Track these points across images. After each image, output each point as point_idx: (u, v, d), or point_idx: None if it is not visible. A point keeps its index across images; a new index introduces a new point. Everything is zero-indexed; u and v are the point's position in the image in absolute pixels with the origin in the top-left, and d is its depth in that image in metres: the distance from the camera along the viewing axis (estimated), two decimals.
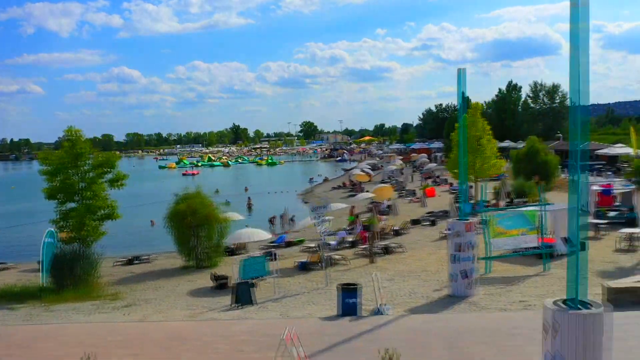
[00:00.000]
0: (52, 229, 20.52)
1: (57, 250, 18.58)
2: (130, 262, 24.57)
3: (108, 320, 14.50)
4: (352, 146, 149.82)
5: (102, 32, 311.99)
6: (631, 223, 24.74)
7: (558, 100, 73.58)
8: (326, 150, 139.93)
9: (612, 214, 25.96)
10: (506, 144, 63.75)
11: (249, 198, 51.01)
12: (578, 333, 7.48)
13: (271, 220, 37.61)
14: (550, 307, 7.84)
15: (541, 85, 75.01)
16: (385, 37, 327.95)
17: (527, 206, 21.32)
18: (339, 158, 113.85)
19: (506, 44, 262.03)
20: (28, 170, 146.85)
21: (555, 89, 73.48)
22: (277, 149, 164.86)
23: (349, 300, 13.78)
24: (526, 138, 50.31)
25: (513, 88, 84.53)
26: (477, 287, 15.49)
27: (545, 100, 74.35)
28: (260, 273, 17.16)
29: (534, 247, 18.37)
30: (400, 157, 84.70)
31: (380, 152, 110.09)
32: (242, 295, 15.34)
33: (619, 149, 47.45)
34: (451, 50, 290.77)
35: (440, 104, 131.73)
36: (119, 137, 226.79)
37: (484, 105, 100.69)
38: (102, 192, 19.34)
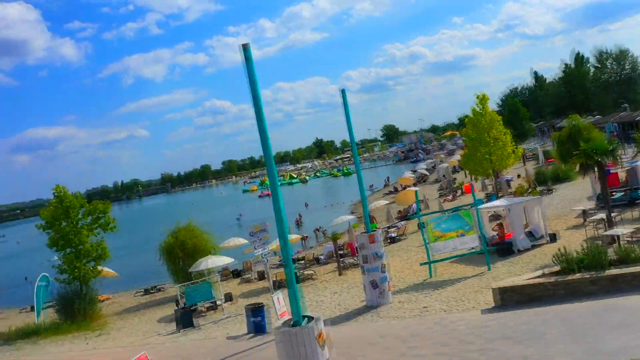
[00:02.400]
0: (46, 274, 24.15)
1: (58, 290, 22.04)
2: (147, 292, 27.55)
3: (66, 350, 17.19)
4: (433, 143, 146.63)
5: (191, 71, 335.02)
6: (633, 203, 23.00)
7: (629, 67, 67.34)
8: (401, 152, 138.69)
9: (617, 195, 24.12)
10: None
11: (299, 215, 53.31)
12: (287, 346, 8.43)
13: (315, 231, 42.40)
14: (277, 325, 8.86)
15: (607, 53, 69.08)
16: (464, 25, 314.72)
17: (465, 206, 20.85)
18: (414, 159, 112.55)
19: (599, 6, 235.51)
20: (138, 208, 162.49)
21: (623, 54, 67.31)
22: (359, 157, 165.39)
23: (254, 319, 15.16)
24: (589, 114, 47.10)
25: (581, 60, 78.62)
26: (389, 296, 16.01)
27: (615, 67, 68.29)
28: (206, 297, 19.01)
29: (474, 247, 18.22)
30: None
31: (454, 147, 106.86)
32: (183, 320, 17.26)
33: None
34: (537, 24, 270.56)
35: (516, 88, 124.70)
36: (216, 165, 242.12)
37: (555, 79, 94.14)
38: (89, 238, 22.45)
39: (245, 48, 8.63)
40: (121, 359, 14.66)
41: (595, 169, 21.10)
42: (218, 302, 19.53)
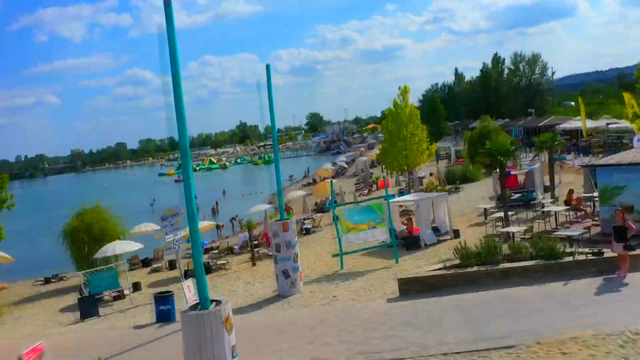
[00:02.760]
0: None
1: None
2: (47, 280, 25.79)
3: None
4: (355, 136, 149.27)
5: (112, 33, 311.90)
6: (528, 204, 24.90)
7: (539, 72, 72.44)
8: (324, 143, 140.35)
9: (515, 196, 26.02)
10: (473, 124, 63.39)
11: (215, 202, 52.53)
12: (194, 330, 8.37)
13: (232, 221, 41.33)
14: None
15: (521, 56, 73.87)
16: (396, 13, 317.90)
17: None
18: (335, 151, 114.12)
19: (521, 9, 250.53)
20: (42, 187, 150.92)
21: (535, 59, 72.30)
22: (281, 145, 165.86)
23: (163, 308, 14.83)
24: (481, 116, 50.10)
25: (497, 61, 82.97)
26: (300, 286, 16.30)
27: (526, 71, 73.19)
28: (111, 286, 18.31)
29: (384, 240, 18.93)
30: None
31: (374, 141, 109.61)
32: (87, 309, 16.52)
33: (577, 122, 46.62)
34: (464, 20, 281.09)
35: (436, 83, 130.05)
36: (133, 144, 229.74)
37: (473, 79, 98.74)
38: None
39: (167, 4, 8.13)
40: (15, 350, 13.82)
41: (497, 169, 22.76)
42: (126, 292, 18.85)
